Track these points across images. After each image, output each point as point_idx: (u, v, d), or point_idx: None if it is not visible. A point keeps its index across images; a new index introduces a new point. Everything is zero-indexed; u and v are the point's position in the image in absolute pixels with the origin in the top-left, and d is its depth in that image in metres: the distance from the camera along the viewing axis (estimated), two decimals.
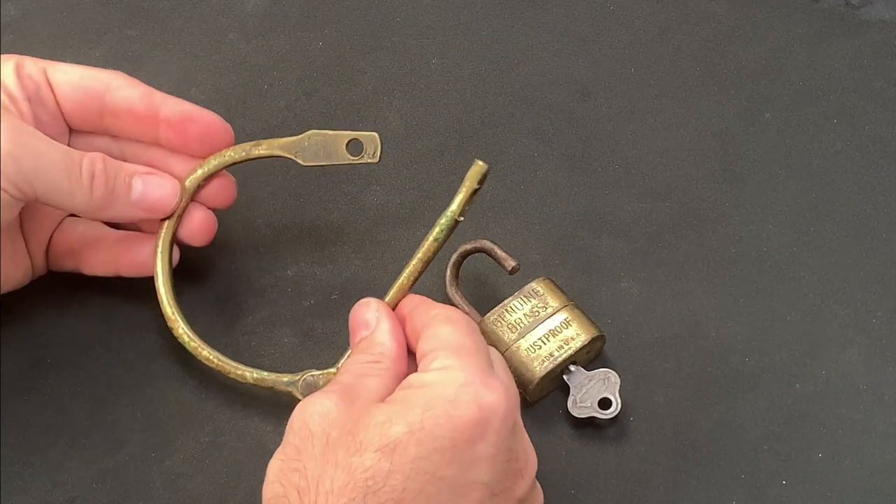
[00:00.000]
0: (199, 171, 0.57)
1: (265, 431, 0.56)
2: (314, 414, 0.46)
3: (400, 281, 0.53)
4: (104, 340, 0.59)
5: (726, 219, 0.61)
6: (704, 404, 0.56)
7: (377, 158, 0.56)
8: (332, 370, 0.53)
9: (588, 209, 0.62)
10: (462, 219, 0.53)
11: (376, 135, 0.56)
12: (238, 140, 0.59)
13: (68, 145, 0.56)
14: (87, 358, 0.58)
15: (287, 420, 0.53)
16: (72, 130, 0.57)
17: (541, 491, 0.50)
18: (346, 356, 0.53)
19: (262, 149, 0.57)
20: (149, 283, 0.57)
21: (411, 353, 0.51)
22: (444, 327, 0.49)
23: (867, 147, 0.63)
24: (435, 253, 0.54)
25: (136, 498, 0.55)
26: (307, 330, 0.59)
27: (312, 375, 0.54)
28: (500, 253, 0.57)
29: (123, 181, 0.55)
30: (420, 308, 0.52)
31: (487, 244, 0.57)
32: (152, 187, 0.56)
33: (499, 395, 0.46)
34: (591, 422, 0.55)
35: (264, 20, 0.69)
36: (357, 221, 0.62)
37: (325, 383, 0.53)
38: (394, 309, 0.53)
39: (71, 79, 0.56)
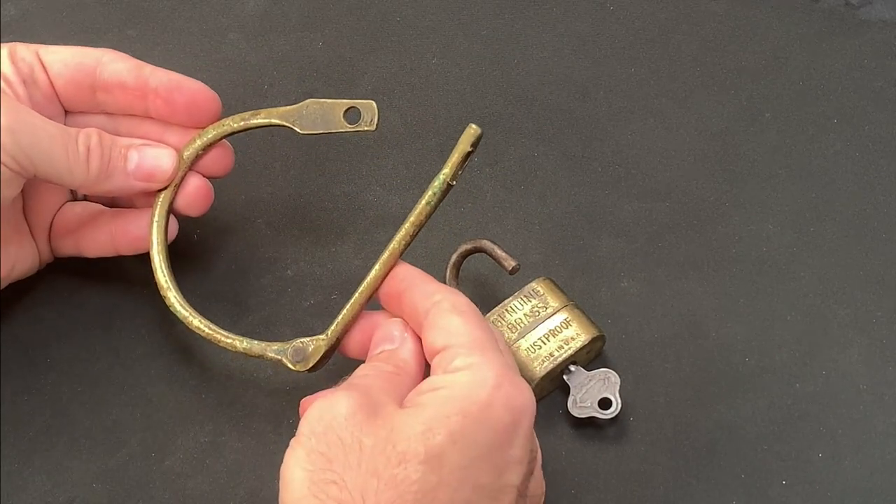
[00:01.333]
0: (198, 142, 0.57)
1: (265, 431, 0.56)
2: (338, 416, 0.44)
3: (392, 245, 0.53)
4: (104, 340, 0.59)
5: (726, 219, 0.61)
6: (704, 404, 0.56)
7: (374, 126, 0.56)
8: (322, 336, 0.53)
9: (588, 209, 0.62)
10: (454, 183, 0.52)
11: (373, 103, 0.56)
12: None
13: None
14: (87, 358, 0.58)
15: (287, 419, 0.53)
16: (67, 112, 0.58)
17: (543, 482, 0.50)
18: (335, 324, 0.53)
19: (261, 117, 0.57)
20: (150, 281, 0.57)
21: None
22: (453, 318, 0.48)
23: (867, 147, 0.63)
24: (427, 217, 0.53)
25: (136, 498, 0.55)
26: (307, 330, 0.58)
27: (302, 342, 0.53)
28: (500, 253, 0.57)
29: (119, 153, 0.55)
30: (419, 288, 0.51)
31: (487, 244, 0.57)
32: (148, 157, 0.56)
33: (527, 396, 0.46)
34: (591, 422, 0.55)
35: (264, 20, 0.70)
36: (357, 221, 0.62)
37: (315, 349, 0.53)
38: (386, 275, 0.52)
39: (63, 57, 0.56)
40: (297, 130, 0.56)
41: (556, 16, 0.69)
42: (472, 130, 0.52)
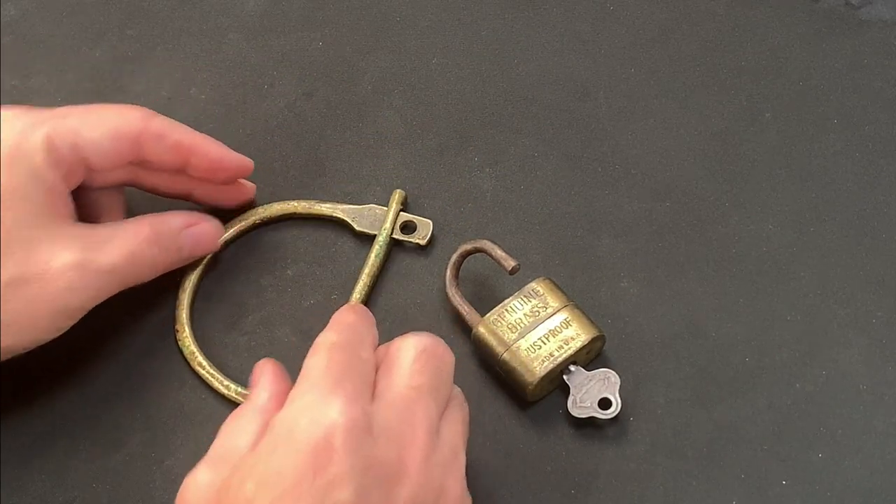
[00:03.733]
0: (262, 213, 0.61)
1: None
2: (186, 493, 0.45)
3: (353, 297, 0.58)
4: (104, 340, 0.59)
5: (726, 219, 0.61)
6: (704, 404, 0.56)
7: (425, 242, 0.60)
8: None
9: (588, 209, 0.62)
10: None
11: (431, 223, 0.60)
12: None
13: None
14: (87, 358, 0.58)
15: None
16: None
17: (455, 491, 0.46)
18: None
19: (325, 207, 0.61)
20: (152, 283, 0.57)
21: None
22: (307, 360, 0.47)
23: (867, 147, 0.63)
24: (380, 269, 0.59)
25: (136, 498, 0.55)
26: (307, 330, 0.59)
27: None
28: (500, 253, 0.57)
29: (175, 245, 0.57)
30: None
31: (487, 244, 0.57)
32: (198, 242, 0.59)
33: (338, 408, 0.43)
34: (591, 422, 0.55)
35: (264, 20, 0.70)
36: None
37: None
38: None
39: (100, 148, 0.54)
40: (355, 227, 0.60)
41: (556, 16, 0.69)
42: (398, 195, 0.61)
